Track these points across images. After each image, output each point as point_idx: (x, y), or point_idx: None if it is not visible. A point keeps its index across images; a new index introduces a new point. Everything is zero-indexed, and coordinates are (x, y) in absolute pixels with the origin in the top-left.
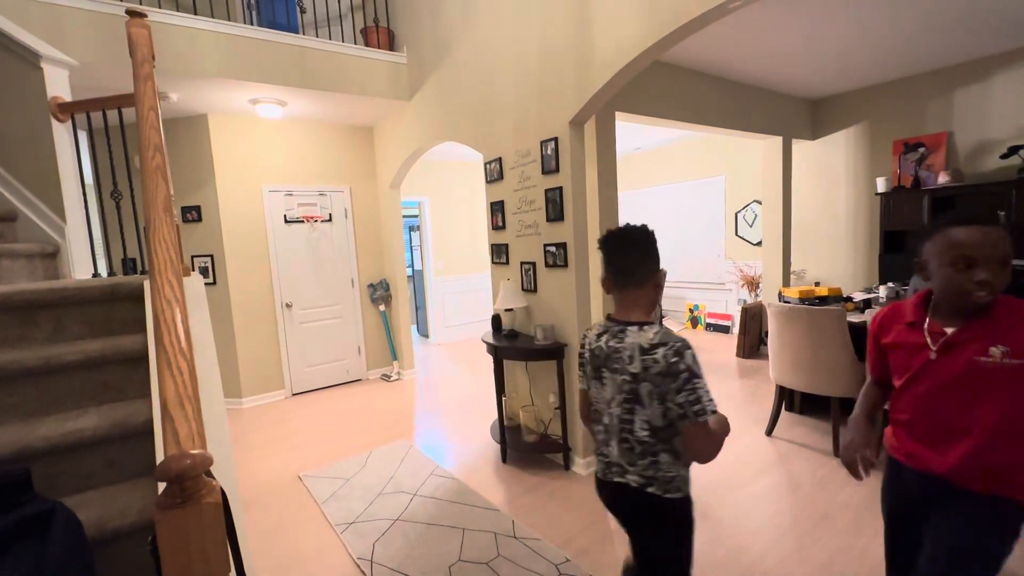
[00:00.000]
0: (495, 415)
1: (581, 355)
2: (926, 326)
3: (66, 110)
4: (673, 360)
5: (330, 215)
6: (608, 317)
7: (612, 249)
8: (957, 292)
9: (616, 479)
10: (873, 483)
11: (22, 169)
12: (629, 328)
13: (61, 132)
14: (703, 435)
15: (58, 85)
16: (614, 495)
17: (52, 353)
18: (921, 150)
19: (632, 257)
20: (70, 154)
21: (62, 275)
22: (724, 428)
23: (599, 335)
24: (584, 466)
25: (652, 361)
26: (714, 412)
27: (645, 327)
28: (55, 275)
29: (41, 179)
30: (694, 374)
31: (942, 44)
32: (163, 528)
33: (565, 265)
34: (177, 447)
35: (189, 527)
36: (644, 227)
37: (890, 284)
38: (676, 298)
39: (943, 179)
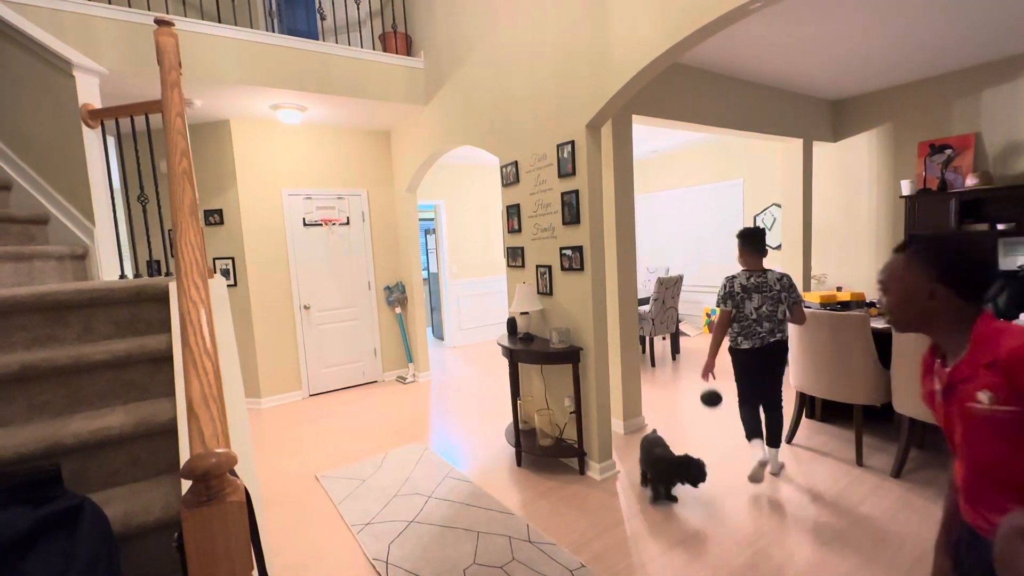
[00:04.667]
0: (510, 418)
1: (728, 290)
2: (935, 366)
3: (96, 116)
4: (788, 282)
5: (348, 218)
6: (745, 270)
7: (755, 236)
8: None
9: (771, 340)
10: (897, 492)
11: (54, 174)
12: (765, 272)
13: (91, 138)
14: (801, 310)
15: (89, 92)
16: (771, 348)
17: (81, 352)
18: (948, 152)
19: (762, 241)
20: (99, 159)
21: (90, 276)
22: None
23: (747, 279)
24: (599, 471)
25: (781, 283)
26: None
27: (769, 271)
28: (84, 276)
29: (72, 183)
30: (795, 286)
31: (969, 43)
32: (189, 526)
33: (581, 268)
34: (202, 446)
35: (214, 525)
36: (759, 227)
37: None
38: (693, 302)
39: (971, 181)
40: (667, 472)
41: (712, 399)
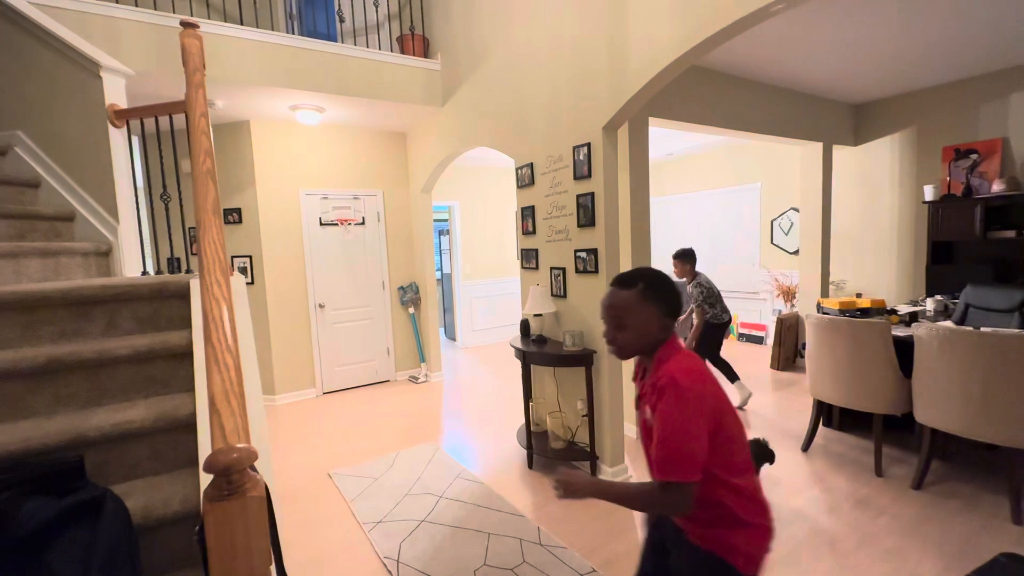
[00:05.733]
0: (522, 420)
1: (710, 290)
2: (639, 377)
3: (122, 116)
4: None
5: (363, 218)
6: (694, 277)
7: (693, 253)
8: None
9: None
10: (919, 504)
11: (81, 172)
12: (700, 273)
13: (117, 137)
14: None
15: (115, 93)
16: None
17: (105, 347)
18: (973, 157)
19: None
20: (124, 158)
21: (114, 273)
22: None
23: (704, 280)
24: (611, 475)
25: None
26: None
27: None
28: (107, 272)
29: (97, 182)
30: None
31: (997, 46)
32: (211, 519)
33: (596, 271)
34: (224, 441)
35: (235, 519)
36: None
37: (938, 297)
38: None
39: (997, 187)
40: (758, 464)
41: (765, 455)
